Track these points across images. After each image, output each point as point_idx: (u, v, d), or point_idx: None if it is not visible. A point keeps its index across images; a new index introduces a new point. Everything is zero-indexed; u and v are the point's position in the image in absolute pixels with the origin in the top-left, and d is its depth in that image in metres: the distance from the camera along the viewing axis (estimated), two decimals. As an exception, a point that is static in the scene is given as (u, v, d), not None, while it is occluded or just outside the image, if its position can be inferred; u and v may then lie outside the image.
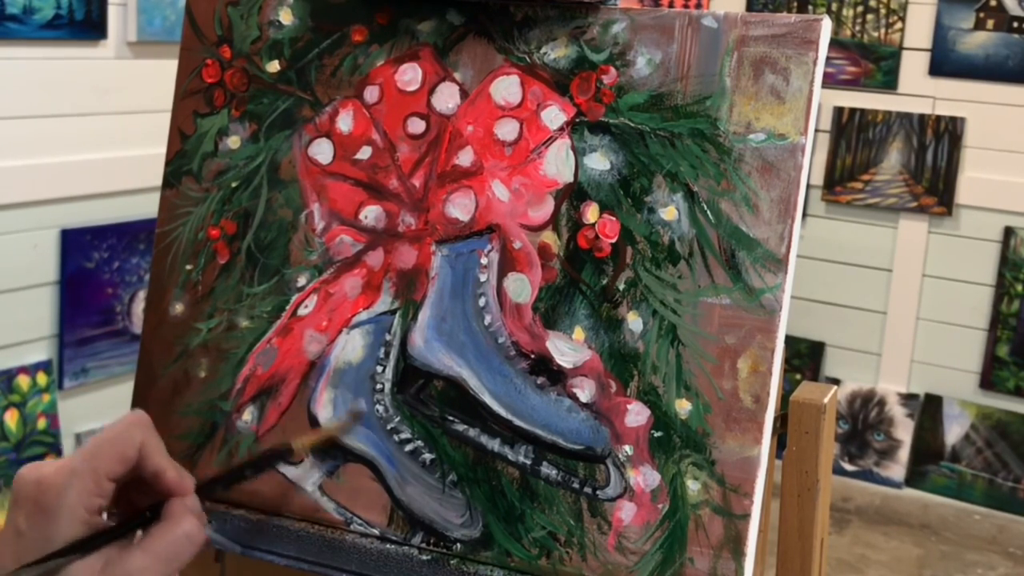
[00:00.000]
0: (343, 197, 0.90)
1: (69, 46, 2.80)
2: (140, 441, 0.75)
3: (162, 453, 0.76)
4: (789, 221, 0.80)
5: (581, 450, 0.82)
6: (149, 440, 0.75)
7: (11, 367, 2.78)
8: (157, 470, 0.76)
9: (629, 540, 0.81)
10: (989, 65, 3.47)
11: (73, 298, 2.87)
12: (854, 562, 3.20)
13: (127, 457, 0.74)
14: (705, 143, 0.82)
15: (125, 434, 0.75)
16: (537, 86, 0.86)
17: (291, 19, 0.93)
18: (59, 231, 2.83)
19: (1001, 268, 3.50)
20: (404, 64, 0.90)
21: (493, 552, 0.83)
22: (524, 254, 0.85)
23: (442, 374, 0.86)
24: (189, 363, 0.93)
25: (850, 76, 3.66)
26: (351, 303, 0.89)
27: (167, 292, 0.94)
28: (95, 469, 0.73)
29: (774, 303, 0.79)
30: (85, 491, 0.72)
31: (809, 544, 0.90)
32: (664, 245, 0.82)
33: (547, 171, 0.85)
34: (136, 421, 0.76)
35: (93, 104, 2.88)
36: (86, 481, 0.72)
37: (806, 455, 0.89)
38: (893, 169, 3.62)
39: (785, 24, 0.81)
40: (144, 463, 0.75)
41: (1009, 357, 3.51)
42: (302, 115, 0.92)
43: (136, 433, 0.75)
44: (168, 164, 0.96)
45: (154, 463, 0.76)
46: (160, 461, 0.76)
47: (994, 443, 3.54)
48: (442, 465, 0.85)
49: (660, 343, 0.81)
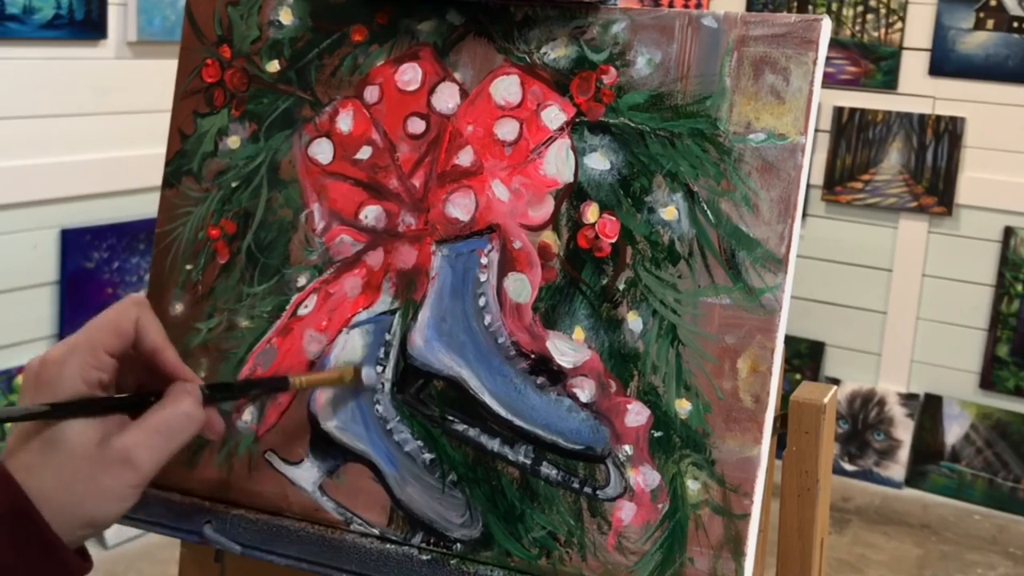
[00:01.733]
0: (343, 197, 0.90)
1: (69, 46, 2.80)
2: (135, 316, 0.78)
3: (159, 332, 0.79)
4: (789, 221, 0.80)
5: (581, 450, 0.82)
6: (145, 316, 0.78)
7: (11, 367, 2.78)
8: (154, 347, 0.78)
9: (629, 540, 0.81)
10: (989, 65, 3.47)
11: (73, 298, 2.87)
12: (854, 562, 3.20)
13: (123, 330, 0.77)
14: (705, 143, 0.82)
15: (121, 309, 0.78)
16: (537, 86, 0.86)
17: (291, 19, 0.93)
18: (59, 231, 2.83)
19: (1001, 268, 3.50)
20: (404, 64, 0.90)
21: (493, 552, 0.83)
22: (524, 254, 0.85)
23: (442, 374, 0.86)
24: (189, 363, 0.92)
25: (850, 76, 3.66)
26: (351, 303, 0.89)
27: (167, 292, 0.94)
28: (91, 340, 0.76)
29: (774, 303, 0.80)
30: (84, 363, 0.75)
31: (809, 544, 0.90)
32: (664, 245, 0.82)
33: (547, 171, 0.85)
34: (134, 300, 0.79)
35: (93, 104, 2.88)
36: (84, 354, 0.75)
37: (806, 455, 0.89)
38: (893, 169, 3.62)
39: (785, 24, 0.81)
40: (141, 340, 0.78)
41: (1009, 357, 3.51)
42: (302, 115, 0.92)
43: (132, 309, 0.78)
44: (168, 164, 0.96)
45: (151, 340, 0.78)
46: (156, 339, 0.78)
47: (994, 443, 3.54)
48: (442, 465, 0.85)
49: (660, 343, 0.81)
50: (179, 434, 0.76)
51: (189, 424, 0.76)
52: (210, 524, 0.89)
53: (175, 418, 0.75)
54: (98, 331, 0.76)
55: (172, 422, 0.75)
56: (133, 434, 0.74)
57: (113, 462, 0.72)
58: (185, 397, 0.77)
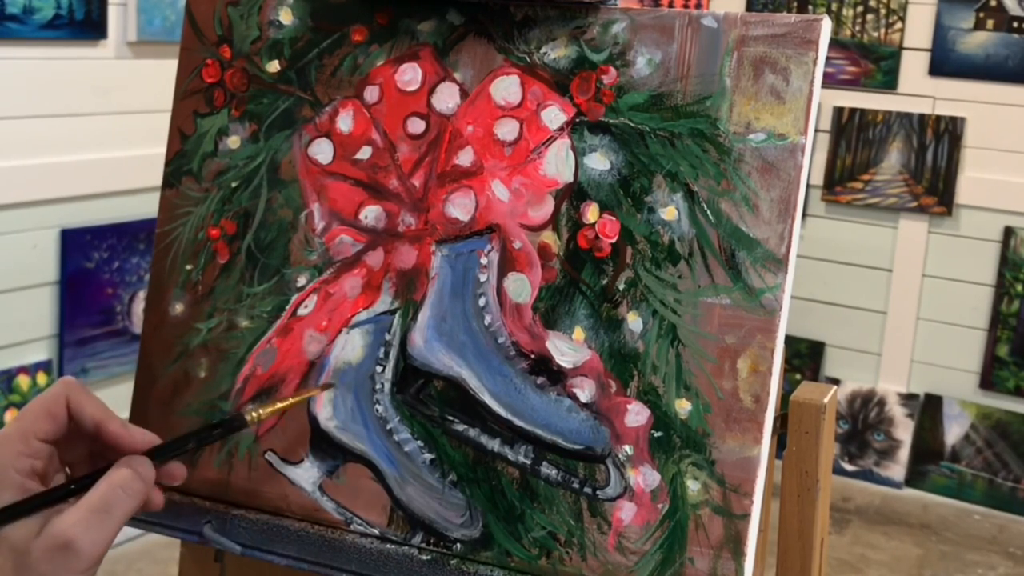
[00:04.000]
0: (343, 197, 0.90)
1: (69, 46, 2.80)
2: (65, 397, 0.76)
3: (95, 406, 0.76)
4: (789, 221, 0.80)
5: (581, 450, 0.82)
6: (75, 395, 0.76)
7: (11, 367, 2.78)
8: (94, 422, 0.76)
9: (629, 540, 0.81)
10: (989, 65, 3.47)
11: (73, 298, 2.87)
12: (854, 562, 3.20)
13: (53, 413, 0.75)
14: (705, 143, 0.82)
15: (50, 393, 0.76)
16: (537, 86, 0.86)
17: (291, 19, 0.93)
18: (59, 231, 2.83)
19: (1001, 268, 3.50)
20: (404, 64, 0.90)
21: (493, 552, 0.83)
22: (524, 254, 0.85)
23: (442, 374, 0.86)
24: (189, 363, 0.93)
25: (850, 76, 3.66)
26: (351, 303, 0.89)
27: (167, 292, 0.94)
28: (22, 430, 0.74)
29: (774, 303, 0.79)
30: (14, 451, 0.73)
31: (809, 544, 0.90)
32: (664, 245, 0.82)
33: (547, 171, 0.85)
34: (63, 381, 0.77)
35: (93, 104, 2.88)
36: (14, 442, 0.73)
37: (806, 455, 0.89)
38: (893, 169, 3.62)
39: (785, 24, 0.81)
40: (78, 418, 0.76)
41: (1009, 357, 3.51)
42: (302, 115, 0.92)
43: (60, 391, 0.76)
44: (168, 164, 0.96)
45: (88, 416, 0.76)
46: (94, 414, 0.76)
47: (994, 443, 3.54)
48: (442, 465, 0.85)
49: (660, 343, 0.81)
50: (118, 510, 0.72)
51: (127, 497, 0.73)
52: (210, 524, 0.89)
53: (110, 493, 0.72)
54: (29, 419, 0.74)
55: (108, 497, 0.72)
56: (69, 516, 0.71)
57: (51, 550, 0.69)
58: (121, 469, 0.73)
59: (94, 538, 0.70)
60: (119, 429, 0.76)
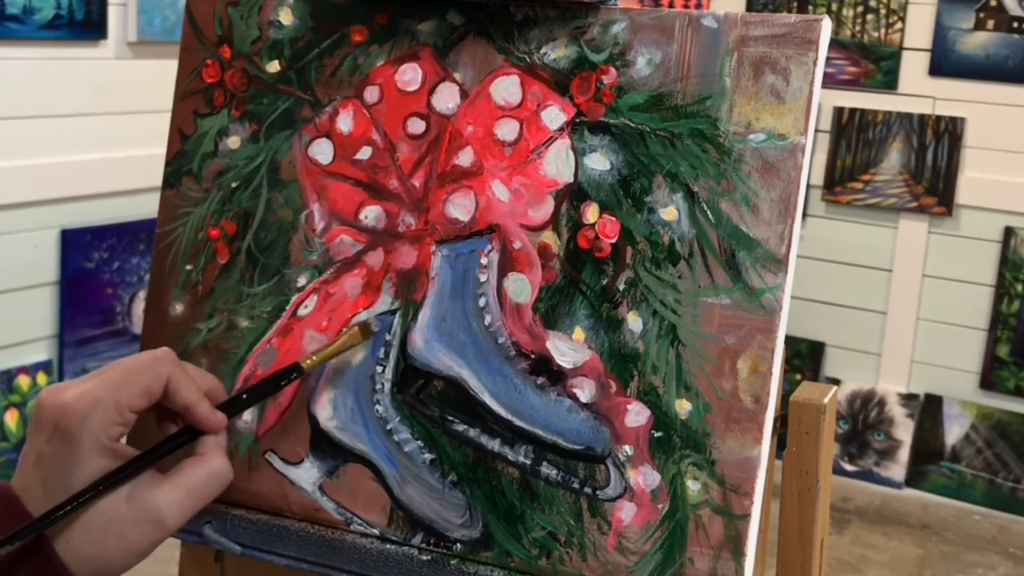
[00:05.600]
0: (343, 197, 0.90)
1: (69, 46, 2.80)
2: (166, 377, 0.76)
3: (191, 388, 0.78)
4: (789, 221, 0.80)
5: (581, 450, 0.82)
6: (176, 375, 0.77)
7: (11, 367, 2.78)
8: (187, 404, 0.77)
9: (629, 540, 0.81)
10: (989, 65, 3.47)
11: (73, 298, 2.87)
12: (854, 562, 3.20)
13: (151, 391, 0.76)
14: (705, 143, 0.82)
15: (151, 368, 0.76)
16: (537, 86, 0.86)
17: (291, 19, 0.93)
18: (59, 231, 2.83)
19: (1001, 268, 3.50)
20: (404, 64, 0.90)
21: (493, 552, 0.83)
22: (524, 254, 0.85)
23: (442, 374, 0.86)
24: (189, 363, 0.92)
25: (850, 76, 3.66)
26: (351, 303, 0.89)
27: (167, 292, 0.94)
28: (118, 400, 0.74)
29: (774, 303, 0.80)
30: (107, 420, 0.73)
31: (809, 544, 0.90)
32: (664, 245, 0.82)
33: (547, 171, 0.85)
34: (163, 357, 0.77)
35: (93, 104, 2.88)
36: (109, 411, 0.73)
37: (806, 455, 0.89)
38: (893, 169, 3.62)
39: (785, 24, 0.81)
40: (173, 398, 0.77)
41: (1009, 357, 3.51)
42: (302, 115, 0.92)
43: (163, 369, 0.76)
44: (168, 164, 0.96)
45: (183, 397, 0.77)
46: (189, 396, 0.77)
47: (994, 443, 3.54)
48: (442, 465, 0.85)
49: (660, 343, 0.81)
50: (210, 494, 0.76)
51: (220, 483, 0.77)
52: (210, 524, 0.89)
53: (209, 479, 0.76)
54: (126, 389, 0.74)
55: (205, 483, 0.76)
56: (166, 492, 0.74)
57: (142, 520, 0.73)
58: (217, 455, 0.77)
59: (182, 516, 0.75)
60: (205, 413, 0.78)
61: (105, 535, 0.72)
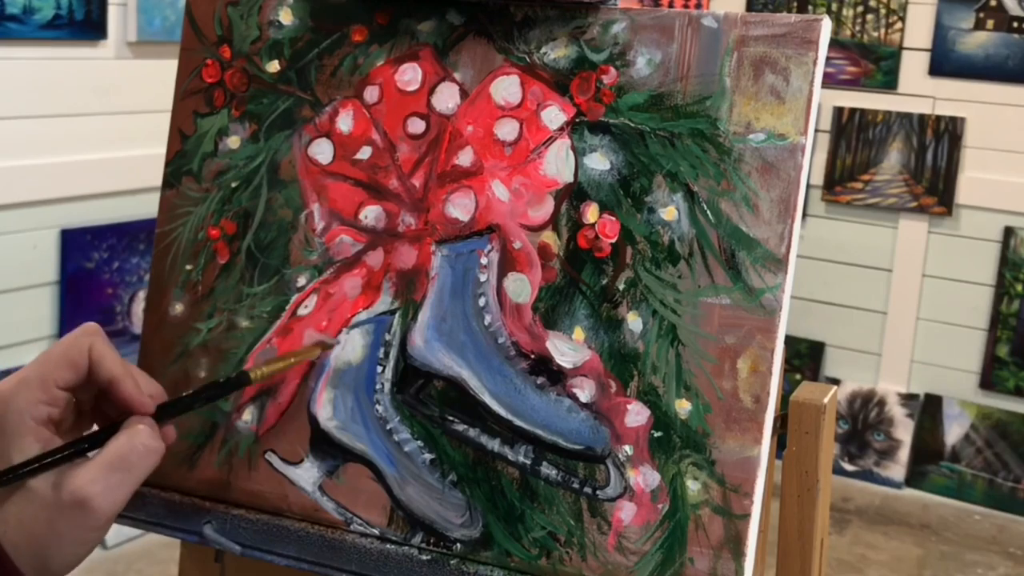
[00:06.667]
0: (343, 197, 0.90)
1: (69, 46, 2.80)
2: (87, 346, 0.74)
3: (115, 361, 0.75)
4: (789, 221, 0.80)
5: (581, 450, 0.82)
6: (98, 346, 0.74)
7: (11, 367, 2.78)
8: (111, 378, 0.74)
9: (629, 540, 0.81)
10: (989, 65, 3.47)
11: (73, 298, 2.87)
12: (854, 562, 3.20)
13: (75, 363, 0.73)
14: (705, 143, 0.82)
15: (73, 341, 0.74)
16: (537, 86, 0.86)
17: (291, 19, 0.93)
18: (59, 231, 2.83)
19: (1001, 268, 3.50)
20: (404, 64, 0.90)
21: (493, 552, 0.83)
22: (524, 254, 0.85)
23: (442, 374, 0.86)
24: (189, 363, 0.93)
25: (850, 76, 3.66)
26: (351, 303, 0.89)
27: (167, 292, 0.94)
28: (42, 376, 0.72)
29: (774, 303, 0.80)
30: (33, 399, 0.71)
31: (809, 544, 0.90)
32: (664, 245, 0.82)
33: (547, 171, 0.85)
34: (86, 330, 0.75)
35: (93, 104, 2.88)
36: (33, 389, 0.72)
37: (806, 455, 0.89)
38: (893, 169, 3.62)
39: (785, 24, 0.81)
40: (96, 370, 0.74)
41: (1009, 357, 3.51)
42: (302, 115, 0.92)
43: (84, 339, 0.74)
44: (168, 164, 0.96)
45: (106, 370, 0.74)
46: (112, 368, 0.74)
47: (994, 443, 3.54)
48: (442, 465, 0.85)
49: (660, 343, 0.81)
50: (137, 468, 0.72)
51: (147, 456, 0.72)
52: (210, 524, 0.89)
53: (132, 452, 0.72)
54: (49, 364, 0.72)
55: (128, 456, 0.71)
56: (87, 472, 0.70)
57: (68, 506, 0.69)
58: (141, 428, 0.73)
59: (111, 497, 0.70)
60: (132, 390, 0.75)
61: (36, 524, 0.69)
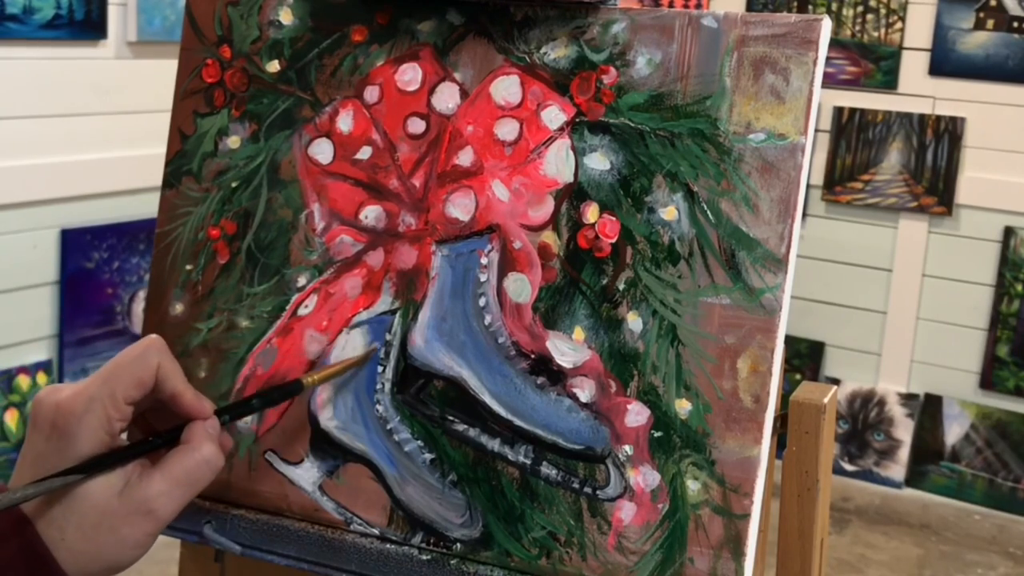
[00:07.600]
0: (343, 197, 0.90)
1: (69, 46, 2.80)
2: (156, 365, 0.76)
3: (179, 377, 0.78)
4: (789, 221, 0.80)
5: (581, 450, 0.82)
6: (165, 364, 0.77)
7: (11, 367, 2.78)
8: (174, 393, 0.77)
9: (629, 540, 0.81)
10: (989, 65, 3.47)
11: (73, 298, 2.87)
12: (854, 562, 3.20)
13: (143, 381, 0.76)
14: (705, 143, 0.82)
15: (141, 358, 0.76)
16: (537, 86, 0.86)
17: (291, 19, 0.93)
18: (59, 231, 2.83)
19: (1001, 268, 3.50)
20: (404, 64, 0.90)
21: (493, 552, 0.83)
22: (524, 254, 0.85)
23: (442, 374, 0.86)
24: (189, 363, 0.93)
25: (850, 76, 3.66)
26: (351, 303, 0.89)
27: (167, 292, 0.94)
28: (112, 393, 0.74)
29: (774, 303, 0.80)
30: (104, 415, 0.74)
31: (809, 544, 0.90)
32: (664, 245, 0.82)
33: (547, 171, 0.85)
34: (152, 345, 0.77)
35: (93, 104, 2.88)
36: (105, 406, 0.74)
37: (806, 455, 0.89)
38: (893, 169, 3.62)
39: (785, 24, 0.81)
40: (161, 386, 0.77)
41: (1009, 357, 3.51)
42: (302, 115, 0.92)
43: (152, 357, 0.76)
44: (168, 164, 0.96)
45: (171, 386, 0.77)
46: (177, 384, 0.77)
47: (994, 443, 3.54)
48: (442, 465, 0.85)
49: (660, 343, 0.81)
50: (200, 482, 0.76)
51: (210, 471, 0.76)
52: (210, 524, 0.89)
53: (197, 466, 0.75)
54: (118, 382, 0.75)
55: (194, 471, 0.75)
56: (155, 484, 0.74)
57: (134, 513, 0.73)
58: (206, 442, 0.76)
59: (174, 507, 0.74)
60: (193, 401, 0.78)
61: (98, 530, 0.72)
